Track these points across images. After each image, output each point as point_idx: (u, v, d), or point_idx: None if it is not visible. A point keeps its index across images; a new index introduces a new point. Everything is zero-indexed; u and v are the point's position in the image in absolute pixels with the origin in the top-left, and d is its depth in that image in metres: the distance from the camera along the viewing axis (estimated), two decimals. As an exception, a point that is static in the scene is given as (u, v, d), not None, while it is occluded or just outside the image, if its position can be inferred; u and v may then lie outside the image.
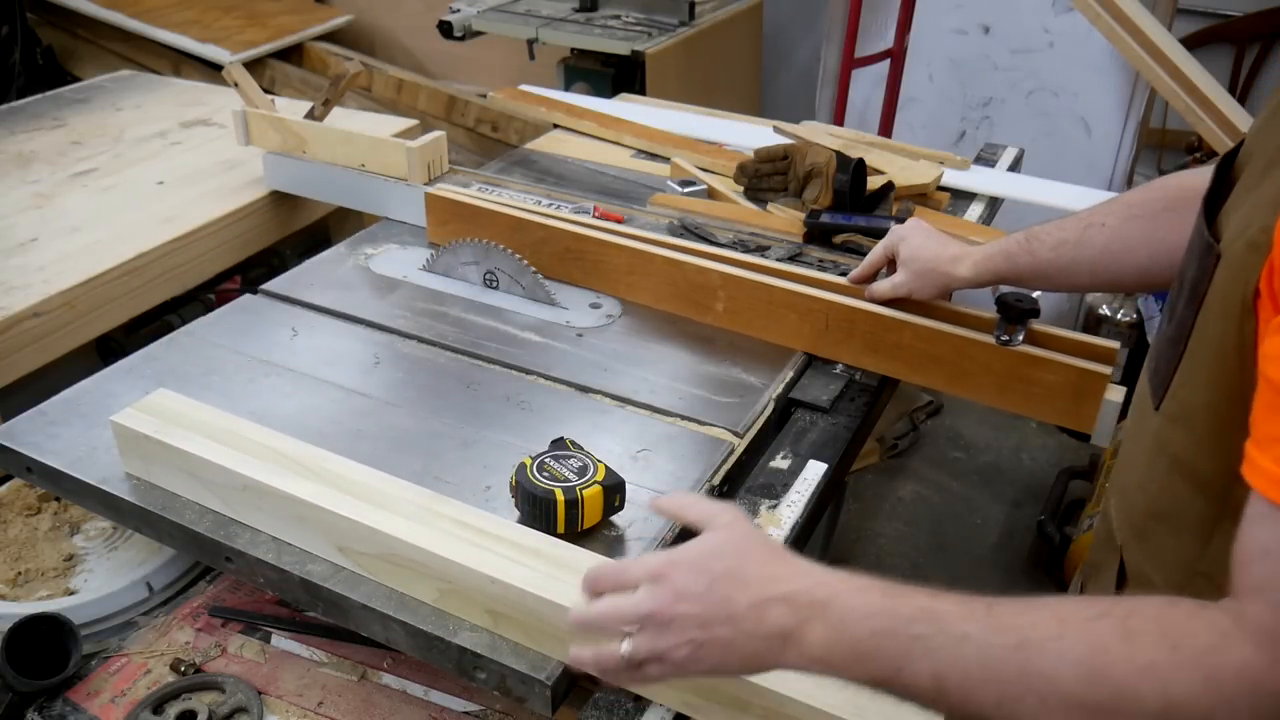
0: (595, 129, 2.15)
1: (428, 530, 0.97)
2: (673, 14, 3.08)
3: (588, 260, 1.51)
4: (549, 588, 0.90)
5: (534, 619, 0.91)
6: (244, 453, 1.06)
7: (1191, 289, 0.76)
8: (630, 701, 0.92)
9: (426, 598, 0.97)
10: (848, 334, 1.35)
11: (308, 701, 1.06)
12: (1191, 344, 0.76)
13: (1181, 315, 0.77)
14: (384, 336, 1.43)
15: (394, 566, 0.98)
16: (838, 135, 2.01)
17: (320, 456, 1.06)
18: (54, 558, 1.22)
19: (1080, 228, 1.14)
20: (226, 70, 1.83)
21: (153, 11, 3.72)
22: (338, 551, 1.01)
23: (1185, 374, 0.78)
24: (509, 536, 0.97)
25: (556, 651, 0.92)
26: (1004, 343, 1.26)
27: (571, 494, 1.02)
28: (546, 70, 3.13)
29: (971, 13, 3.15)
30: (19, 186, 1.90)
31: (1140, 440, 0.87)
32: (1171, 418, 0.80)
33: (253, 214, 1.85)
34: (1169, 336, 0.80)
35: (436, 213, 1.63)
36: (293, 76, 3.65)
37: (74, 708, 1.04)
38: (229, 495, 1.06)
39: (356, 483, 1.03)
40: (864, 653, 0.70)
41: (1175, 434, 0.80)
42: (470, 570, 0.93)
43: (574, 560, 0.95)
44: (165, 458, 1.09)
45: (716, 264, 1.43)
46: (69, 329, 1.56)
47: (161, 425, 1.09)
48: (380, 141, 1.76)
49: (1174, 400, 0.79)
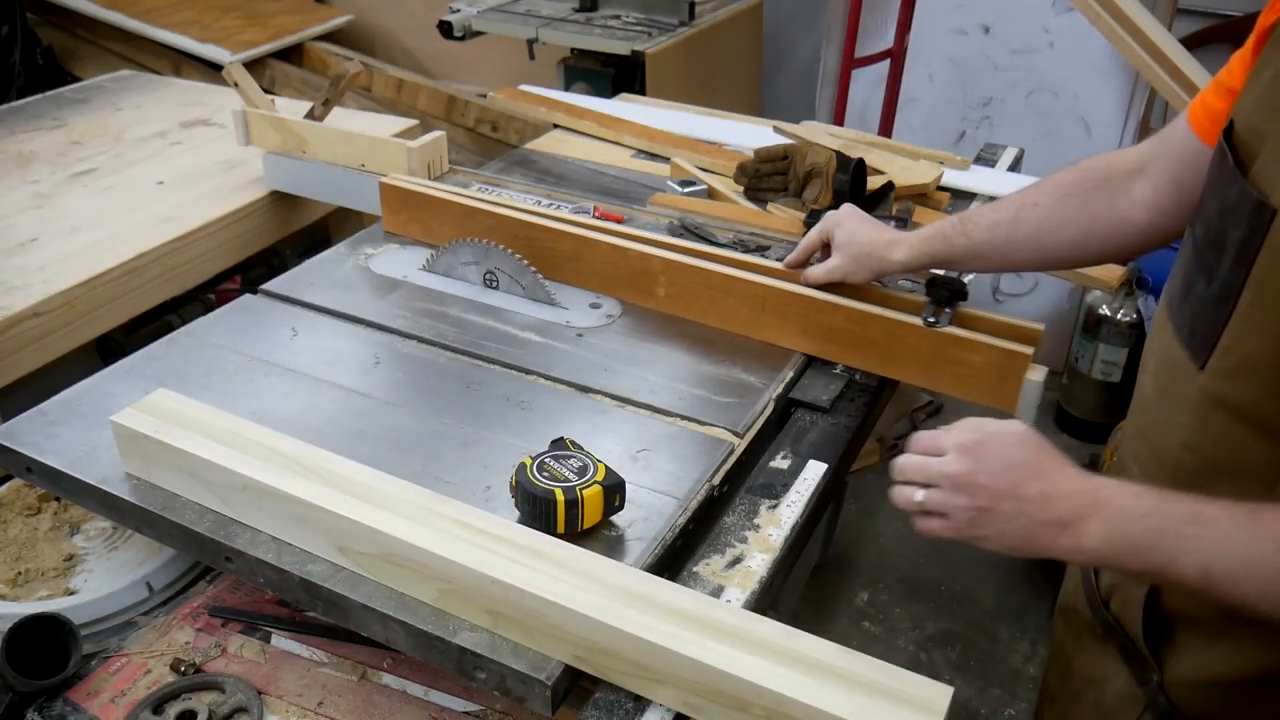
0: (595, 129, 2.15)
1: (428, 530, 0.96)
2: (673, 14, 3.08)
3: (536, 247, 1.54)
4: (549, 588, 0.90)
5: (534, 619, 0.91)
6: (244, 453, 1.06)
7: (1240, 247, 0.79)
8: (630, 701, 0.92)
9: (426, 598, 0.97)
10: (783, 317, 1.39)
11: (308, 701, 1.06)
12: (1245, 300, 0.80)
13: (1228, 275, 0.81)
14: (384, 336, 1.43)
15: (394, 566, 0.98)
16: (838, 135, 2.01)
17: (320, 456, 1.06)
18: (54, 558, 1.22)
19: (1014, 209, 1.18)
20: (226, 70, 1.83)
21: (153, 11, 3.72)
22: (338, 551, 1.01)
23: (1241, 329, 0.81)
24: (509, 536, 0.97)
25: (557, 651, 0.92)
26: (931, 324, 1.30)
27: (571, 494, 1.02)
28: (546, 70, 3.13)
29: (971, 13, 3.15)
30: (19, 186, 1.90)
31: (1179, 402, 0.90)
32: (1227, 373, 0.83)
33: (253, 214, 1.86)
34: (1213, 296, 0.83)
35: (390, 201, 1.68)
36: (293, 76, 3.65)
37: (74, 708, 1.04)
38: (229, 495, 1.06)
39: (356, 483, 1.03)
40: (1139, 546, 0.79)
41: (1235, 387, 0.83)
42: (470, 570, 0.93)
43: (574, 560, 0.95)
44: (165, 458, 1.09)
45: (657, 250, 1.47)
46: (69, 329, 1.56)
47: (161, 425, 1.09)
48: (380, 141, 1.76)
49: (1230, 355, 0.83)
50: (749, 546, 1.09)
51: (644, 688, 0.91)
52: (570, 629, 0.90)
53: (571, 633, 0.90)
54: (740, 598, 1.02)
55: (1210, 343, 0.84)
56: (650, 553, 1.05)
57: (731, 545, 1.09)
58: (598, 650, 0.90)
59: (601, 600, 0.90)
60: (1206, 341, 0.85)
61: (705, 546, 1.09)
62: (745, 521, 1.12)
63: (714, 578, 1.04)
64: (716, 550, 1.08)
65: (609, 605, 0.90)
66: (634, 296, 1.50)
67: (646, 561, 1.03)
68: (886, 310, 1.33)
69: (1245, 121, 0.83)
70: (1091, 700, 1.06)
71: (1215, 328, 0.83)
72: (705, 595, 0.97)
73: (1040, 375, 1.27)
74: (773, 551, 1.08)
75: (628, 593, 0.91)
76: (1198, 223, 0.88)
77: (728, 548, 1.08)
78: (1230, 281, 0.81)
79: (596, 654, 0.90)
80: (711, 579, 1.04)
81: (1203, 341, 0.85)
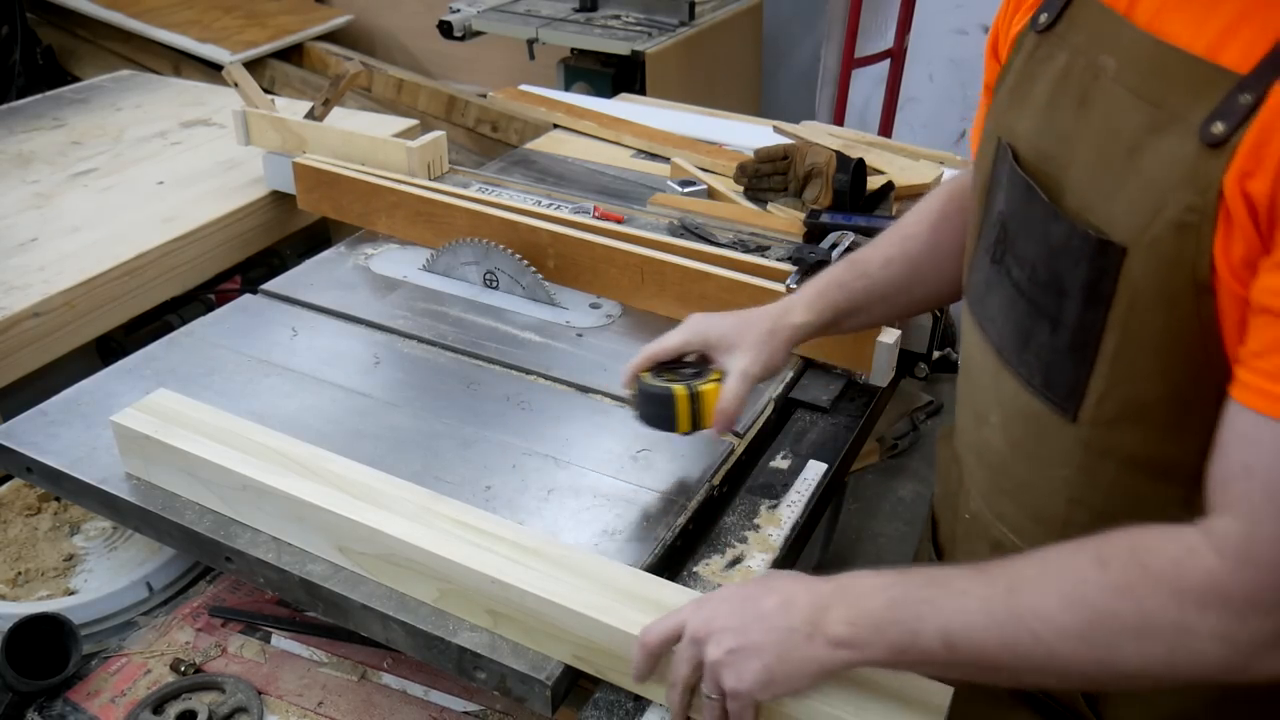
0: (595, 129, 2.15)
1: (427, 530, 0.97)
2: (673, 14, 3.08)
3: (436, 221, 1.61)
4: (549, 588, 0.91)
5: (534, 619, 0.92)
6: (243, 452, 1.06)
7: (1087, 291, 0.73)
8: (630, 701, 0.92)
9: (427, 598, 0.98)
10: (661, 286, 1.45)
11: (308, 701, 1.06)
12: (1110, 346, 0.74)
13: (1079, 321, 0.75)
14: (384, 336, 1.43)
15: (394, 566, 0.98)
16: (838, 135, 2.01)
17: (319, 456, 1.06)
18: (54, 558, 1.22)
19: (899, 241, 1.11)
20: (226, 70, 1.83)
21: (153, 11, 3.72)
22: (337, 551, 1.01)
23: (1113, 377, 0.75)
24: (509, 536, 0.97)
25: (556, 651, 0.92)
26: (791, 290, 1.31)
27: (692, 389, 1.06)
28: (546, 70, 3.13)
29: (971, 13, 3.15)
30: (19, 186, 1.90)
31: (1050, 457, 0.84)
32: (1109, 422, 0.78)
33: (253, 214, 1.85)
34: (1064, 345, 0.77)
35: (304, 179, 1.74)
36: (293, 76, 3.64)
37: (74, 708, 1.04)
38: (228, 495, 1.06)
39: (355, 482, 1.03)
40: (882, 623, 0.73)
41: (1121, 435, 0.78)
42: (470, 570, 0.93)
43: (573, 560, 0.95)
44: (165, 458, 1.09)
45: (545, 223, 1.52)
46: (69, 329, 1.56)
47: (161, 425, 1.09)
48: (380, 141, 1.76)
49: (1107, 404, 0.77)
50: (749, 546, 1.09)
51: (644, 688, 0.90)
52: (570, 629, 0.90)
53: (572, 632, 0.90)
54: (740, 598, 1.02)
55: (1076, 393, 0.78)
56: (650, 553, 1.05)
57: (731, 545, 1.09)
58: (598, 650, 0.90)
59: (602, 600, 0.90)
60: (1071, 392, 0.79)
61: (705, 547, 1.09)
62: (745, 522, 1.12)
63: (714, 578, 1.04)
64: (717, 550, 1.08)
65: (609, 605, 0.90)
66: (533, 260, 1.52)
67: (646, 561, 1.03)
68: (755, 278, 1.38)
69: (1031, 146, 0.79)
70: None
71: (1078, 377, 0.77)
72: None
73: (891, 338, 1.29)
74: (773, 551, 1.08)
75: (628, 593, 0.91)
76: (1011, 264, 0.82)
77: (728, 548, 1.09)
78: (1085, 327, 0.75)
79: (597, 654, 0.91)
80: (712, 579, 1.04)
81: (1066, 393, 0.79)
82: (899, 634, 0.73)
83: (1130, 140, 0.70)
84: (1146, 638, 0.65)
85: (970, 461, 0.99)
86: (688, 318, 1.12)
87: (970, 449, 0.98)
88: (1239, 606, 0.62)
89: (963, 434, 1.01)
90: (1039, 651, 0.68)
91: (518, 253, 1.51)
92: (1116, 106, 0.71)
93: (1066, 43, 0.77)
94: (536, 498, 1.12)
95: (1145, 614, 0.65)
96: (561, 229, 1.51)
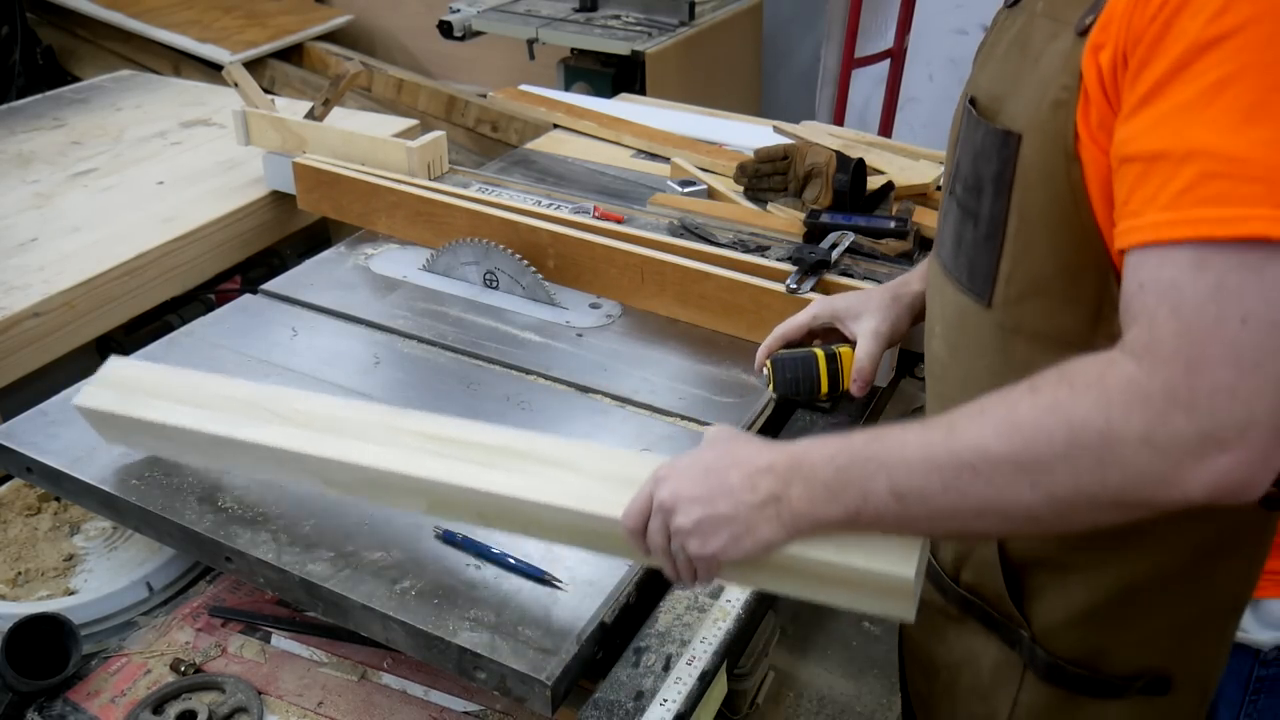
0: (595, 129, 2.15)
1: (400, 451, 0.97)
2: (673, 14, 3.08)
3: (436, 221, 1.61)
4: (525, 485, 0.92)
5: (519, 516, 0.94)
6: (209, 409, 1.05)
7: (996, 183, 0.82)
8: (630, 701, 0.92)
9: (420, 509, 1.00)
10: (660, 286, 1.46)
11: (308, 701, 1.06)
12: (1012, 227, 0.83)
13: (991, 211, 0.84)
14: (384, 336, 1.43)
15: (379, 489, 1.00)
16: (838, 135, 2.01)
17: (281, 396, 1.06)
18: (54, 558, 1.22)
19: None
20: (226, 70, 1.83)
21: (153, 11, 3.72)
22: (324, 485, 1.04)
23: (1016, 255, 0.83)
24: (477, 439, 0.97)
25: (546, 536, 0.97)
26: (793, 291, 1.37)
27: (830, 351, 1.16)
28: (546, 70, 3.13)
29: (971, 13, 3.15)
30: (19, 186, 1.90)
31: (975, 349, 0.91)
32: (1015, 299, 0.85)
33: (253, 214, 1.85)
34: (982, 236, 0.85)
35: (304, 179, 1.74)
36: (293, 76, 3.64)
37: (74, 708, 1.04)
38: (207, 450, 1.07)
39: (320, 416, 1.02)
40: (835, 489, 0.76)
41: (1026, 311, 0.85)
42: (448, 485, 0.94)
43: (540, 451, 0.95)
44: (136, 429, 1.09)
45: (545, 223, 1.52)
46: (69, 329, 1.56)
47: (122, 398, 1.09)
48: (380, 141, 1.76)
49: (1012, 283, 0.85)
50: (749, 546, 1.08)
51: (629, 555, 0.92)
52: (552, 520, 0.92)
53: (554, 522, 0.92)
54: (740, 598, 1.02)
55: (990, 277, 0.86)
56: (650, 553, 1.04)
57: (731, 545, 1.09)
58: (579, 532, 0.92)
59: (576, 488, 0.91)
60: (987, 277, 0.86)
61: (705, 546, 1.09)
62: (745, 521, 1.12)
63: (714, 578, 1.04)
64: (716, 550, 1.08)
65: (583, 492, 0.90)
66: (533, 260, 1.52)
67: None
68: (754, 278, 1.40)
69: (987, 91, 0.86)
70: (966, 684, 1.04)
71: (991, 262, 0.85)
72: None
73: None
74: (773, 551, 1.08)
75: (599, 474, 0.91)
76: (955, 185, 0.91)
77: (728, 548, 1.08)
78: (994, 216, 0.84)
79: (578, 536, 0.93)
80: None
81: (983, 279, 0.87)
82: (851, 498, 0.76)
83: (1036, 51, 0.80)
84: (1076, 451, 0.67)
85: (928, 383, 1.05)
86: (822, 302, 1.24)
87: (928, 370, 1.04)
88: (1159, 405, 0.64)
89: (926, 363, 1.06)
90: (979, 488, 0.70)
91: (518, 253, 1.51)
92: (1034, 34, 0.82)
93: (1023, 9, 0.85)
94: (536, 498, 1.12)
95: (1073, 427, 0.67)
96: (561, 229, 1.51)
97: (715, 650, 0.97)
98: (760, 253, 1.57)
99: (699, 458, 0.84)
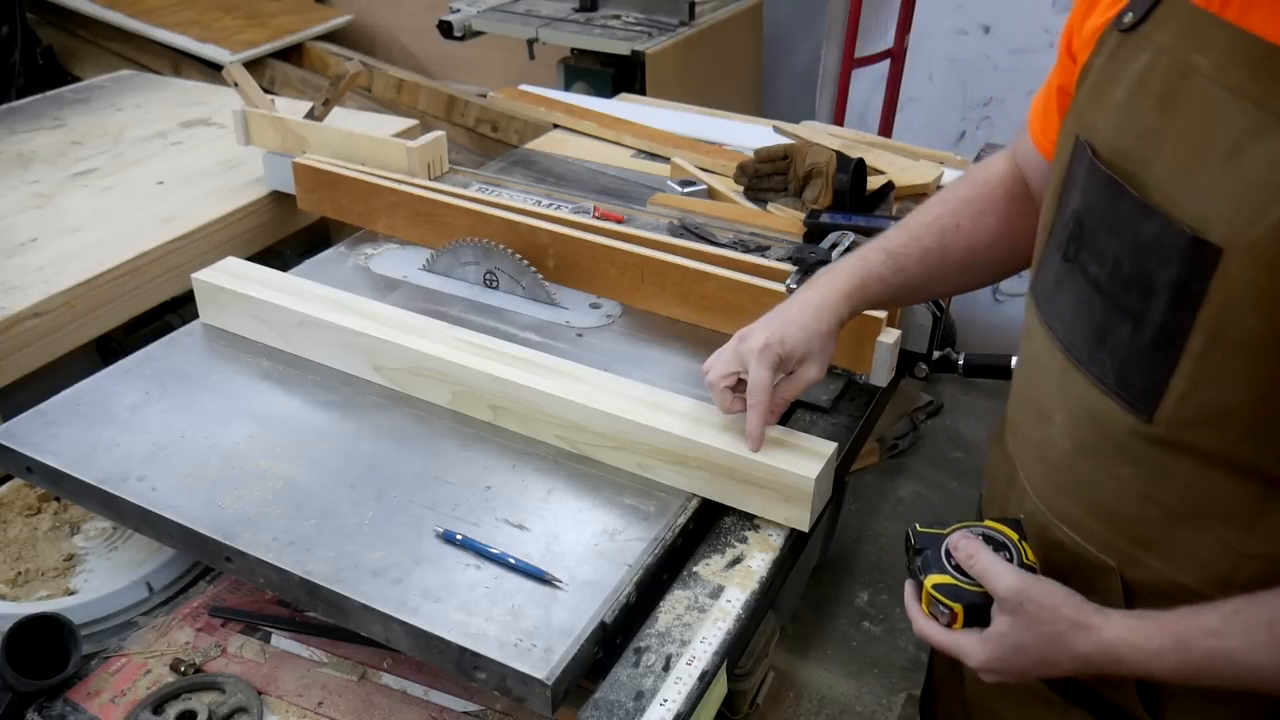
0: (595, 129, 2.15)
1: (444, 346, 1.24)
2: (673, 14, 3.08)
3: (436, 221, 1.61)
4: (537, 380, 1.17)
5: (527, 407, 1.18)
6: (296, 294, 1.34)
7: (1176, 290, 0.73)
8: (630, 701, 0.92)
9: (442, 400, 1.24)
10: (660, 286, 1.46)
11: (308, 701, 1.06)
12: (1196, 346, 0.74)
13: (1165, 320, 0.75)
14: (384, 336, 1.43)
15: (417, 377, 1.25)
16: (838, 135, 2.01)
17: (359, 300, 1.34)
18: (54, 558, 1.22)
19: (936, 234, 1.10)
20: (226, 70, 1.83)
21: (153, 11, 3.71)
22: (373, 370, 1.28)
23: (1197, 377, 0.75)
24: (508, 351, 1.24)
25: (544, 434, 1.18)
26: (792, 290, 1.30)
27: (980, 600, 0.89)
28: (546, 70, 3.13)
29: (971, 13, 3.15)
30: (19, 186, 1.90)
31: (1118, 454, 0.84)
32: (1189, 422, 0.77)
33: (253, 214, 1.85)
34: (1146, 343, 0.77)
35: (304, 179, 1.74)
36: (293, 76, 3.64)
37: (74, 708, 1.04)
38: (287, 331, 1.33)
39: (387, 317, 1.31)
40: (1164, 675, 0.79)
41: (1201, 435, 0.77)
42: (477, 372, 1.19)
43: (556, 365, 1.21)
44: (237, 305, 1.36)
45: (545, 223, 1.53)
46: (69, 329, 1.56)
47: (233, 279, 1.37)
48: (380, 141, 1.76)
49: (1188, 404, 0.76)
50: (749, 546, 1.09)
51: (607, 455, 1.15)
52: (554, 412, 1.16)
53: (555, 415, 1.16)
54: (740, 598, 1.02)
55: (1154, 392, 0.78)
56: (651, 552, 1.05)
57: (731, 545, 1.09)
58: (573, 427, 1.16)
59: (578, 389, 1.16)
60: (1148, 391, 0.78)
61: (705, 546, 1.09)
62: (745, 521, 1.12)
63: (714, 577, 1.04)
64: (716, 550, 1.08)
65: (585, 391, 1.16)
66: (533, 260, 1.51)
67: (647, 561, 1.03)
68: (754, 278, 1.39)
69: (1109, 144, 0.78)
70: None
71: (1158, 377, 0.77)
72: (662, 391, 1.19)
73: (892, 338, 1.28)
74: (773, 551, 1.08)
75: (600, 386, 1.17)
76: (1088, 261, 0.81)
77: (728, 548, 1.09)
78: (1169, 326, 0.75)
79: (573, 431, 1.16)
80: (711, 579, 1.04)
81: (1142, 391, 0.79)
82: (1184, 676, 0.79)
83: (1230, 140, 0.69)
84: None
85: (1028, 461, 0.97)
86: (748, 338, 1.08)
87: (1029, 448, 0.97)
88: None
89: (1020, 433, 0.99)
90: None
91: (518, 253, 1.51)
92: (1213, 106, 0.70)
93: (1151, 42, 0.76)
94: (537, 497, 1.12)
95: None
96: (561, 229, 1.51)
97: (715, 650, 0.97)
98: (760, 253, 1.57)
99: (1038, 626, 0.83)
